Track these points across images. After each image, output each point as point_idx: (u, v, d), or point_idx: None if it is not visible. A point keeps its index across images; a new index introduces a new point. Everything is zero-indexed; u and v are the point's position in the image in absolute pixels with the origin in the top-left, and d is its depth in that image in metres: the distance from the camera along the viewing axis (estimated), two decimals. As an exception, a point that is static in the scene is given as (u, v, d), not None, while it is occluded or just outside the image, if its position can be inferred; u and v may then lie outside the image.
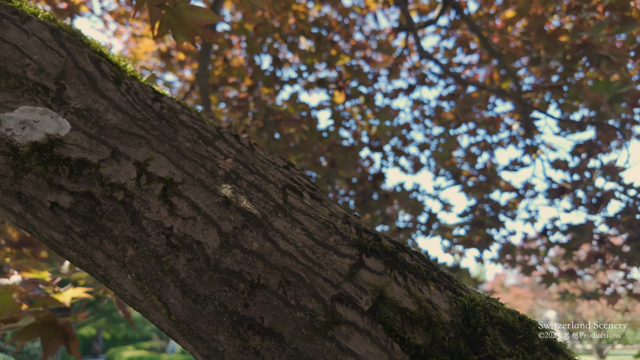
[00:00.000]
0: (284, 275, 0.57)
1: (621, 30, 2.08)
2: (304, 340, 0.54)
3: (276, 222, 0.62)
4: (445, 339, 0.56)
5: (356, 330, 0.54)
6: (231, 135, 0.73)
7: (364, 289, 0.58)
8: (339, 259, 0.61)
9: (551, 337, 0.61)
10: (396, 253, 0.64)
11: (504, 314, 0.61)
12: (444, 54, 3.41)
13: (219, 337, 0.56)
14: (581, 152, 2.77)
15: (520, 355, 0.55)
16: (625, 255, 2.69)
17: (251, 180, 0.66)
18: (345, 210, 0.76)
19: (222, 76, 3.30)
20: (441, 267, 4.03)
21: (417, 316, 0.57)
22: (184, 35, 0.94)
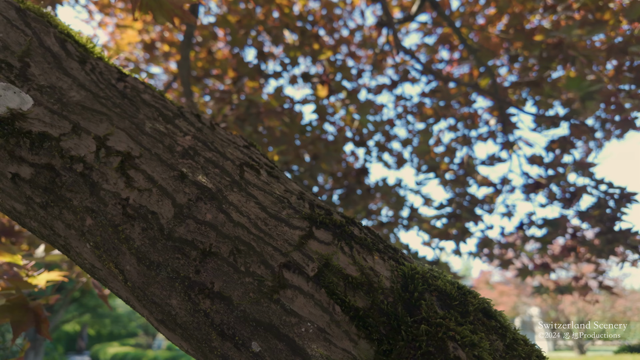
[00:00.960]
0: (236, 244, 0.61)
1: (592, 31, 2.15)
2: (251, 303, 0.57)
3: (231, 196, 0.65)
4: (384, 302, 0.60)
5: (300, 294, 0.58)
6: (192, 115, 0.76)
7: (311, 257, 0.62)
8: (290, 231, 0.64)
9: (486, 304, 0.65)
10: (345, 226, 0.68)
11: (443, 282, 0.65)
12: (426, 50, 3.46)
13: (172, 301, 0.60)
14: (555, 148, 2.85)
15: (453, 318, 0.59)
16: (596, 248, 2.78)
17: (209, 157, 0.69)
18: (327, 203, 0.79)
19: (205, 68, 3.30)
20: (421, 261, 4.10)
21: (359, 282, 0.61)
22: (163, 16, 0.96)
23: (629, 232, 2.66)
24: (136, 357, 19.49)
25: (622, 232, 2.66)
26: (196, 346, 0.61)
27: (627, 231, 2.67)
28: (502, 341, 0.61)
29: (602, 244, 2.72)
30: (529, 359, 0.62)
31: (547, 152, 2.95)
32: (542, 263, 3.37)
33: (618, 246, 2.71)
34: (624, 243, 2.64)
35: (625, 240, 2.64)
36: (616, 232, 2.67)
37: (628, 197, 2.62)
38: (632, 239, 2.61)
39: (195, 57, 3.40)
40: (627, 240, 2.63)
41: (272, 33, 3.12)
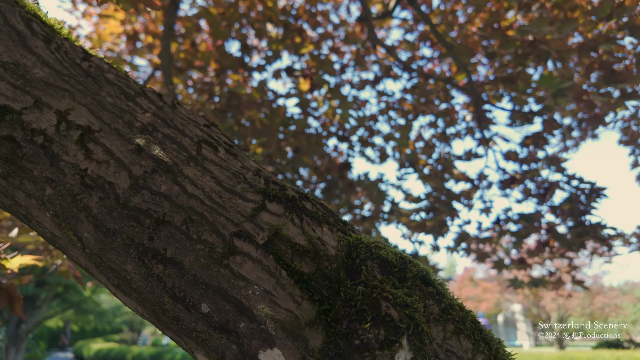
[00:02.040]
0: (189, 214, 0.64)
1: (562, 28, 2.23)
2: (202, 267, 0.61)
3: (186, 170, 0.68)
4: (328, 268, 0.64)
5: (249, 260, 0.62)
6: (154, 94, 0.79)
7: (262, 227, 0.66)
8: (243, 203, 0.68)
9: (425, 273, 0.70)
10: (297, 200, 0.72)
11: (386, 252, 0.69)
12: (406, 47, 3.52)
13: (127, 266, 0.63)
14: (529, 144, 2.94)
15: (390, 282, 0.64)
16: (567, 241, 2.88)
17: (167, 133, 0.72)
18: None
19: (188, 59, 3.31)
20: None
21: (306, 249, 0.65)
22: (127, 1, 0.98)
23: (599, 225, 2.77)
24: (120, 353, 19.32)
25: (591, 225, 2.76)
26: (150, 309, 0.64)
27: (597, 225, 2.78)
28: (437, 306, 0.66)
29: (573, 237, 2.82)
30: (463, 323, 0.67)
31: (521, 147, 3.04)
32: (518, 258, 3.47)
33: (588, 239, 2.81)
34: (593, 236, 2.74)
35: (594, 233, 2.74)
36: (586, 225, 2.77)
37: (598, 192, 2.72)
38: (601, 231, 2.71)
39: (178, 48, 3.40)
40: (596, 233, 2.73)
41: (255, 26, 3.14)
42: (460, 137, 3.47)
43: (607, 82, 2.54)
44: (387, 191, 4.07)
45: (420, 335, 0.59)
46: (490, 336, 0.70)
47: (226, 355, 0.60)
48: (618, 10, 2.26)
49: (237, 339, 0.59)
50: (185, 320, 0.61)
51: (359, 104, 4.11)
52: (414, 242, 3.88)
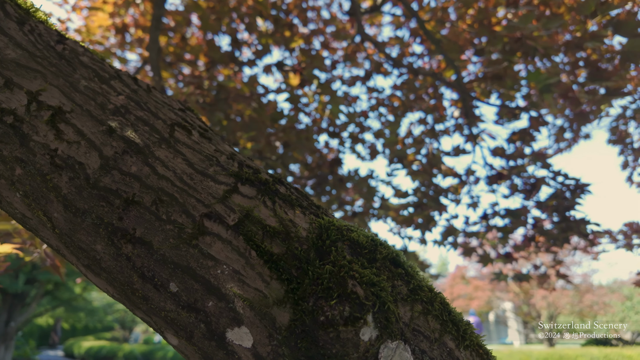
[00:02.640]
0: (159, 195, 0.64)
1: (547, 24, 2.25)
2: (171, 247, 0.61)
3: (158, 152, 0.68)
4: (298, 249, 0.64)
5: (219, 240, 0.62)
6: (129, 78, 0.79)
7: (233, 209, 0.66)
8: (215, 185, 0.68)
9: (395, 255, 0.71)
10: (270, 183, 0.72)
11: (357, 235, 0.70)
12: (396, 43, 3.53)
13: (97, 246, 0.63)
14: (516, 140, 2.97)
15: (359, 263, 0.64)
16: (552, 236, 2.92)
17: (140, 116, 0.72)
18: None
19: (177, 53, 3.29)
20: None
21: (277, 231, 0.65)
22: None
23: (583, 221, 2.81)
24: (112, 351, 19.20)
25: (576, 221, 2.80)
26: (120, 289, 0.64)
27: (581, 220, 2.82)
28: (406, 286, 0.67)
29: (558, 232, 2.85)
30: (431, 304, 0.68)
31: (508, 144, 3.07)
32: (505, 253, 3.50)
33: (572, 235, 2.84)
34: (577, 232, 2.78)
35: (578, 229, 2.78)
36: (570, 221, 2.81)
37: (582, 188, 2.76)
38: (584, 227, 2.75)
39: (168, 42, 3.37)
40: (580, 228, 2.77)
41: (245, 20, 3.13)
42: (449, 134, 3.50)
43: (593, 80, 2.57)
44: (377, 187, 4.09)
45: (387, 314, 0.60)
46: (459, 318, 0.71)
47: (194, 334, 0.61)
48: (602, 7, 2.29)
49: (206, 318, 0.60)
50: (154, 300, 0.62)
51: (349, 100, 4.12)
52: (403, 237, 3.90)
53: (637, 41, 2.24)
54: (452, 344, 0.66)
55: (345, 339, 0.55)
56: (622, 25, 2.23)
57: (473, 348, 0.68)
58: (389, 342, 0.59)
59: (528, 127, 2.87)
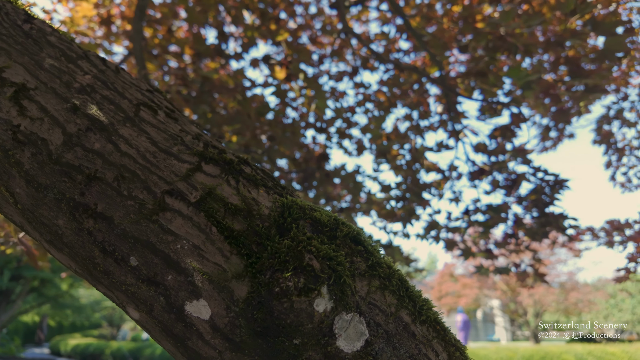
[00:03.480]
0: (121, 171, 0.65)
1: (528, 21, 2.29)
2: (131, 222, 0.62)
3: (122, 130, 0.69)
4: (259, 226, 0.66)
5: (179, 216, 0.64)
6: (98, 58, 0.80)
7: (196, 187, 0.67)
8: (178, 164, 0.69)
9: (356, 233, 0.73)
10: (235, 163, 0.74)
11: (320, 214, 0.72)
12: (382, 38, 3.56)
13: (59, 221, 0.64)
14: (497, 136, 3.02)
15: (318, 239, 0.66)
16: (531, 231, 2.98)
17: (105, 95, 0.73)
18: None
19: (163, 45, 3.27)
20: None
21: (239, 208, 0.67)
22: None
23: (561, 216, 2.87)
24: (99, 348, 19.01)
25: (554, 216, 2.86)
26: (82, 264, 0.65)
27: (560, 215, 2.87)
28: (365, 262, 0.69)
29: (537, 227, 2.91)
30: (389, 279, 0.70)
31: (490, 140, 3.12)
32: (486, 249, 3.56)
33: (551, 229, 2.90)
34: (555, 226, 2.84)
35: (557, 223, 2.84)
36: (549, 216, 2.86)
37: (561, 184, 2.82)
38: (563, 222, 2.81)
39: (154, 34, 3.35)
40: (558, 223, 2.83)
41: (232, 13, 3.13)
42: (434, 130, 3.54)
43: (573, 77, 2.62)
44: (363, 182, 4.11)
45: (342, 287, 0.62)
46: (418, 294, 0.73)
47: (154, 307, 0.62)
48: (582, 6, 2.33)
49: (165, 291, 0.61)
50: (115, 274, 0.63)
51: (337, 95, 4.13)
52: (388, 232, 3.93)
53: (614, 40, 2.28)
54: (408, 318, 0.68)
55: (299, 309, 0.57)
56: (601, 24, 2.28)
57: (430, 324, 0.70)
58: (343, 314, 0.61)
59: (509, 124, 2.92)
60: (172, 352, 0.65)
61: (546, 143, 5.27)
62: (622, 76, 5.75)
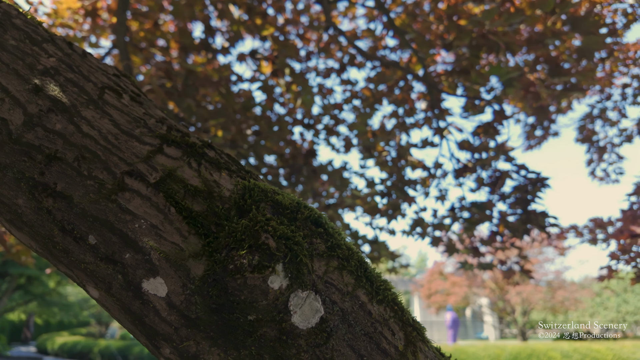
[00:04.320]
0: (82, 152, 0.66)
1: (509, 19, 2.33)
2: (90, 202, 0.63)
3: (85, 112, 0.70)
4: (219, 207, 0.67)
5: (138, 196, 0.64)
6: (64, 42, 0.80)
7: (156, 168, 0.68)
8: (139, 146, 0.70)
9: (317, 216, 0.74)
10: (197, 147, 0.75)
11: (282, 197, 0.73)
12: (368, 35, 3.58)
13: (18, 200, 0.64)
14: (480, 133, 3.06)
15: (278, 221, 0.67)
16: (513, 228, 3.03)
17: (70, 77, 0.73)
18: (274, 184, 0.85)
19: (148, 38, 3.25)
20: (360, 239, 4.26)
21: (199, 190, 0.68)
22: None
23: (543, 213, 2.92)
24: (87, 346, 18.81)
25: (535, 213, 2.91)
26: (42, 244, 0.66)
27: (541, 213, 2.92)
28: (324, 244, 0.71)
29: (519, 224, 2.96)
30: (348, 260, 0.72)
31: (473, 137, 3.16)
32: (472, 247, 3.60)
33: (532, 227, 2.95)
34: (536, 224, 2.89)
35: (537, 221, 2.89)
36: (530, 213, 2.91)
37: (542, 182, 2.87)
38: (544, 219, 2.86)
39: (140, 27, 3.33)
40: (539, 221, 2.88)
41: (218, 7, 3.12)
42: (419, 127, 3.57)
43: (552, 75, 2.66)
44: (350, 179, 4.13)
45: (298, 265, 0.63)
46: (376, 275, 0.75)
47: (113, 285, 0.63)
48: (561, 5, 2.37)
49: (123, 269, 0.62)
50: (75, 252, 0.63)
51: (324, 92, 4.14)
52: (374, 228, 3.96)
53: (592, 39, 2.33)
54: (365, 297, 0.69)
55: (253, 285, 0.58)
56: (579, 23, 2.32)
57: (387, 303, 0.72)
58: (299, 292, 0.62)
59: (492, 121, 2.96)
60: (132, 330, 0.66)
61: (531, 141, 5.35)
62: (606, 77, 5.85)
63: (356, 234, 3.76)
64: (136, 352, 16.58)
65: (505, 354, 13.65)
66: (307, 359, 0.62)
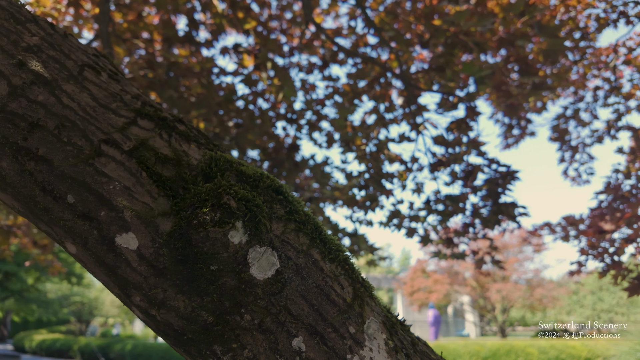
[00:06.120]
0: (62, 121, 0.73)
1: (481, 21, 2.45)
2: (69, 165, 0.70)
3: (65, 86, 0.77)
4: (187, 173, 0.75)
5: (113, 161, 0.72)
6: (47, 23, 0.86)
7: (130, 138, 0.75)
8: (115, 118, 0.77)
9: (278, 185, 0.82)
10: (169, 120, 0.82)
11: (247, 168, 0.81)
12: (351, 33, 3.68)
13: (2, 163, 0.71)
14: (454, 129, 3.19)
15: (241, 187, 0.75)
16: (485, 219, 3.17)
17: (52, 55, 0.80)
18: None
19: (132, 29, 3.27)
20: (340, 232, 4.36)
21: (169, 158, 0.75)
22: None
23: (512, 204, 3.06)
24: (66, 344, 18.51)
25: (506, 204, 3.05)
26: (24, 203, 0.72)
27: (511, 204, 3.07)
28: (283, 209, 0.79)
29: (490, 215, 3.10)
30: (304, 224, 0.80)
31: (447, 132, 3.29)
32: (446, 238, 3.73)
33: (503, 217, 3.10)
34: (506, 213, 3.03)
35: (507, 212, 3.03)
36: (501, 204, 3.06)
37: (512, 175, 3.01)
38: (513, 210, 3.01)
39: (123, 18, 3.35)
40: (509, 211, 3.02)
41: (202, 0, 3.17)
42: (397, 123, 3.69)
43: (522, 74, 2.80)
44: (332, 173, 4.23)
45: (257, 224, 0.71)
46: (332, 239, 0.83)
47: (89, 240, 0.70)
48: (530, 8, 2.50)
49: (98, 225, 0.69)
50: (54, 210, 0.70)
51: (307, 87, 4.22)
52: (354, 221, 4.06)
53: (556, 41, 2.47)
54: (318, 256, 0.78)
55: (214, 238, 0.66)
56: (544, 27, 2.45)
57: (339, 262, 0.81)
58: (257, 247, 0.71)
59: (465, 117, 3.10)
60: (105, 281, 0.74)
61: (509, 140, 5.54)
62: (580, 79, 6.08)
63: (336, 227, 3.86)
64: (117, 349, 16.38)
65: (484, 351, 13.94)
66: (262, 305, 0.70)
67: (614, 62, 5.13)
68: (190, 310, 0.69)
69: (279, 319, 0.71)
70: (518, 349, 13.69)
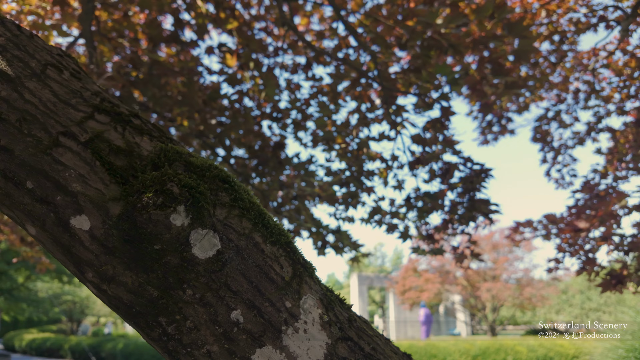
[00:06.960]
0: (23, 115, 0.80)
1: (452, 21, 2.54)
2: (29, 155, 0.77)
3: (28, 83, 0.84)
4: (137, 163, 0.82)
5: (69, 151, 0.79)
6: (13, 25, 0.94)
7: (87, 131, 0.83)
8: (74, 112, 0.85)
9: (225, 174, 0.90)
10: (124, 115, 0.90)
11: (196, 159, 0.89)
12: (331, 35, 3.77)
13: (-33, 154, 0.78)
14: (429, 128, 3.29)
15: (187, 176, 0.83)
16: (461, 215, 3.27)
17: (16, 54, 0.87)
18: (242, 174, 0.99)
19: (117, 29, 3.33)
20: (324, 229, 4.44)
21: (121, 149, 0.83)
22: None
23: (486, 201, 3.16)
24: (57, 343, 18.43)
25: (480, 201, 3.15)
26: (-13, 189, 0.79)
27: (485, 201, 3.17)
28: (229, 196, 0.87)
29: (465, 212, 3.20)
30: (248, 210, 0.88)
31: (423, 131, 3.38)
32: (427, 234, 3.83)
33: (477, 215, 3.20)
34: (480, 210, 3.13)
35: (481, 208, 3.13)
36: (475, 201, 3.16)
37: (486, 173, 3.11)
38: (487, 207, 3.11)
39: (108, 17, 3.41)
40: (483, 208, 3.12)
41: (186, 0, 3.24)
42: (379, 122, 3.78)
43: (495, 74, 2.90)
44: (316, 171, 4.31)
45: (199, 209, 0.79)
46: (273, 223, 0.91)
47: (46, 222, 0.77)
48: (499, 10, 2.60)
49: (55, 209, 0.77)
50: (15, 195, 0.78)
51: (292, 87, 4.30)
52: (337, 218, 4.15)
53: (525, 42, 2.57)
54: (259, 239, 0.86)
55: (157, 220, 0.74)
56: (514, 27, 2.55)
57: (280, 245, 0.89)
58: (199, 229, 0.78)
59: (440, 117, 3.19)
60: (62, 260, 0.81)
61: (487, 136, 5.65)
62: (562, 81, 6.21)
63: (319, 223, 3.94)
64: (108, 348, 16.35)
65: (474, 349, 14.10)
66: (203, 281, 0.78)
67: (593, 65, 5.26)
68: (138, 285, 0.77)
69: (219, 294, 0.79)
70: (507, 347, 13.87)
